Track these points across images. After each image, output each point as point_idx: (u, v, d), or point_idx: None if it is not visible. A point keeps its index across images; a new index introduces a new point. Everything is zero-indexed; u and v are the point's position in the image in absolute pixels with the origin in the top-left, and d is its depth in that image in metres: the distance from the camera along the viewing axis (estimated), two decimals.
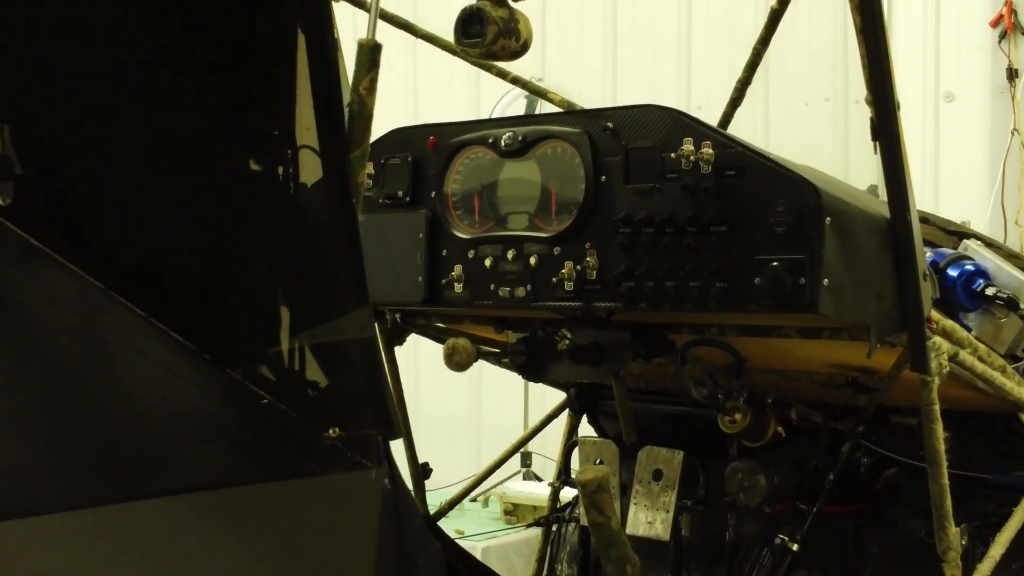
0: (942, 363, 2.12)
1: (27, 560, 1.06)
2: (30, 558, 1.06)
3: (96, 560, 1.09)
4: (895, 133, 2.04)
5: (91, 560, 1.09)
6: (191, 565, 1.15)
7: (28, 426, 1.10)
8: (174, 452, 1.16)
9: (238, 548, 1.18)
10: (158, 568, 1.13)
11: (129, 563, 1.12)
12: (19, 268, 1.10)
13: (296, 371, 1.21)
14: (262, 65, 1.22)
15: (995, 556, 2.32)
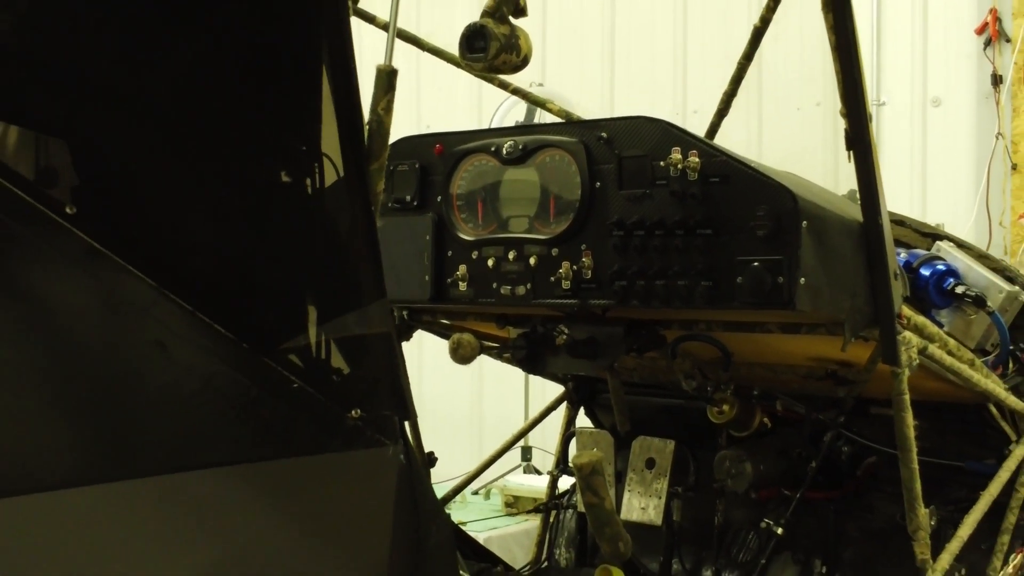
0: (912, 356, 2.23)
1: (86, 524, 1.21)
2: (94, 522, 1.21)
3: (151, 524, 1.24)
4: (867, 142, 2.16)
5: (147, 523, 1.24)
6: (232, 528, 1.30)
7: (89, 407, 1.25)
8: (216, 429, 1.31)
9: (272, 514, 1.33)
10: (203, 531, 1.28)
11: (178, 528, 1.27)
12: (84, 269, 1.25)
13: (322, 359, 1.36)
14: (293, 89, 1.37)
15: (963, 536, 2.44)
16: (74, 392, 1.23)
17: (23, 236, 1.21)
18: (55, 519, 1.18)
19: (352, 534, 1.38)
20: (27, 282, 1.23)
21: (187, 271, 1.30)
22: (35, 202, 1.21)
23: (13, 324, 1.22)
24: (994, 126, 5.23)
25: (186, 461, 1.28)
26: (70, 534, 1.20)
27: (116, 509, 1.23)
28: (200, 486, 1.28)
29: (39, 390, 1.22)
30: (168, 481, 1.26)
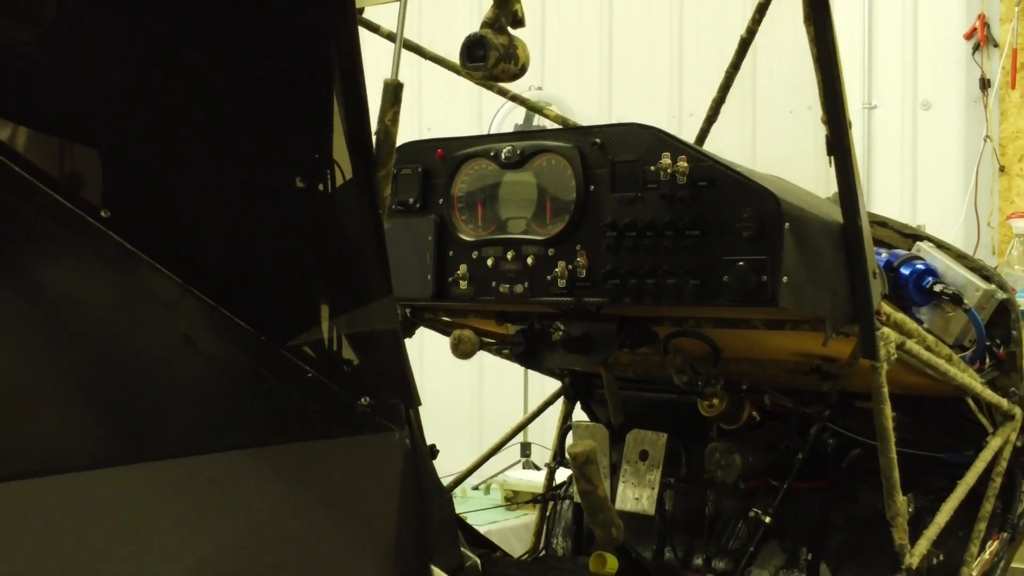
0: (890, 351, 2.31)
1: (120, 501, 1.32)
2: (129, 499, 1.32)
3: (180, 501, 1.35)
4: (847, 148, 2.25)
5: (176, 499, 1.35)
6: (251, 505, 1.41)
7: (121, 393, 1.36)
8: (238, 414, 1.42)
9: (288, 493, 1.44)
10: (226, 507, 1.39)
11: (203, 504, 1.38)
12: (116, 267, 1.36)
13: (334, 351, 1.46)
14: (307, 102, 1.48)
15: (940, 523, 2.53)
16: (107, 379, 1.35)
17: (63, 237, 1.32)
18: (94, 497, 1.29)
19: (362, 512, 1.49)
20: (65, 279, 1.35)
21: (210, 269, 1.41)
22: (73, 207, 1.32)
23: (51, 317, 1.33)
24: (982, 129, 5.27)
25: (210, 444, 1.39)
26: (105, 511, 1.31)
27: (147, 487, 1.34)
28: (223, 467, 1.39)
29: (75, 377, 1.34)
30: (194, 462, 1.37)
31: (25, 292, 1.32)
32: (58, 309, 1.34)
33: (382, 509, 1.48)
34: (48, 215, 1.30)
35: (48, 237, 1.31)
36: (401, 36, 1.64)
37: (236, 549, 1.40)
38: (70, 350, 1.33)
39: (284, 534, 1.43)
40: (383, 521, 1.50)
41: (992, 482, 2.74)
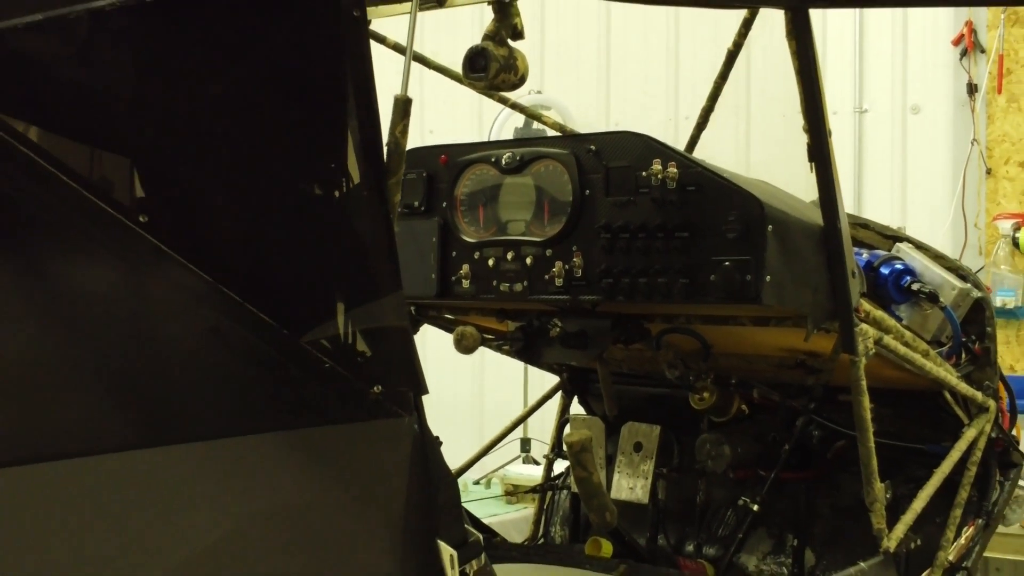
0: (868, 346, 2.44)
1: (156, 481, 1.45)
2: (164, 479, 1.45)
3: (209, 480, 1.49)
4: (827, 156, 2.38)
5: (205, 479, 1.49)
6: (273, 483, 1.54)
7: (157, 381, 1.50)
8: (261, 401, 1.56)
9: (306, 473, 1.57)
10: (250, 486, 1.53)
11: (229, 483, 1.51)
12: (153, 267, 1.49)
13: (349, 343, 1.60)
14: (325, 117, 1.62)
15: (916, 509, 2.65)
16: (145, 367, 1.48)
17: (106, 240, 1.46)
18: (136, 474, 1.43)
19: (374, 491, 1.62)
20: (108, 276, 1.48)
21: (237, 268, 1.54)
22: (115, 213, 1.45)
23: (94, 310, 1.47)
24: (970, 132, 5.39)
25: (237, 427, 1.52)
26: (147, 487, 1.44)
27: (180, 467, 1.48)
28: (249, 448, 1.53)
29: (117, 365, 1.47)
30: (222, 444, 1.50)
31: (72, 287, 1.46)
32: (101, 303, 1.48)
33: (393, 488, 1.61)
34: (94, 220, 1.44)
35: (94, 239, 1.45)
36: (410, 54, 1.77)
37: (261, 523, 1.53)
38: (111, 340, 1.47)
39: (303, 510, 1.56)
40: (393, 499, 1.62)
41: (968, 471, 2.86)
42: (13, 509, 1.31)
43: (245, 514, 1.50)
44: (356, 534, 1.60)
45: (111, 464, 1.41)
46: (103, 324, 1.46)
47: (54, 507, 1.35)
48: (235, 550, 1.48)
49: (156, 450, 1.45)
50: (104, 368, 1.45)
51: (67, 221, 1.44)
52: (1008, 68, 5.27)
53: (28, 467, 1.32)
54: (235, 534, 1.48)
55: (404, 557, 1.61)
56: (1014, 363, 5.28)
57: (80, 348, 1.45)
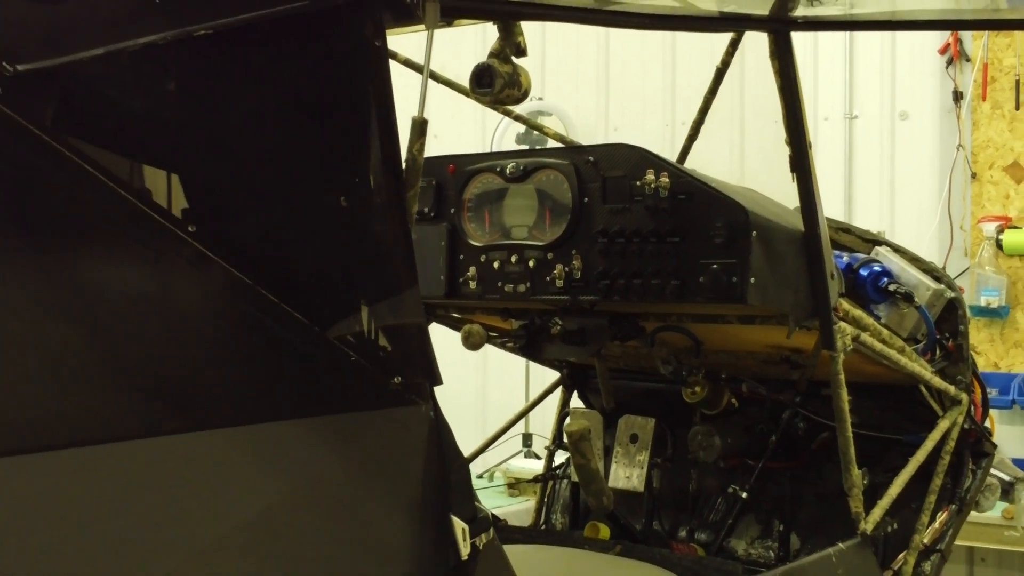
0: (846, 343, 2.60)
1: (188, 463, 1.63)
2: (205, 460, 1.63)
3: (248, 462, 1.67)
4: (807, 167, 2.54)
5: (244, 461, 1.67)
6: (303, 464, 1.72)
7: (201, 373, 1.69)
8: (293, 390, 1.74)
9: (333, 456, 1.75)
10: (283, 466, 1.71)
11: (264, 464, 1.70)
12: (199, 270, 1.67)
13: (372, 338, 1.78)
14: (350, 136, 1.80)
15: (892, 494, 2.82)
16: (193, 360, 1.67)
17: (159, 248, 1.65)
18: (178, 458, 1.61)
19: (394, 471, 1.80)
20: (160, 280, 1.67)
21: (273, 272, 1.72)
22: (167, 223, 1.64)
23: (148, 309, 1.66)
24: (955, 138, 5.48)
25: (270, 415, 1.71)
26: (189, 468, 1.63)
27: (226, 449, 1.66)
28: (284, 433, 1.71)
29: (164, 359, 1.66)
30: (259, 428, 1.69)
31: (130, 289, 1.65)
32: (154, 303, 1.67)
33: (410, 468, 1.79)
34: (149, 230, 1.63)
35: (150, 246, 1.64)
36: (426, 78, 1.95)
37: (296, 497, 1.72)
38: (163, 335, 1.66)
39: (332, 486, 1.75)
40: (411, 478, 1.81)
41: (942, 460, 3.03)
42: (88, 481, 1.50)
43: (282, 489, 1.69)
44: (379, 508, 1.79)
45: (166, 445, 1.60)
46: (156, 321, 1.65)
47: (119, 482, 1.54)
48: (274, 521, 1.67)
49: (204, 433, 1.64)
50: (159, 360, 1.64)
51: (127, 231, 1.63)
52: (992, 76, 5.40)
53: (101, 447, 1.51)
54: (274, 507, 1.67)
55: (421, 529, 1.79)
56: (998, 360, 5.43)
57: (137, 342, 1.64)
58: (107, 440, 1.52)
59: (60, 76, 1.61)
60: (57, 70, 1.61)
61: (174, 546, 1.57)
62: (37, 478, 1.46)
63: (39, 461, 1.47)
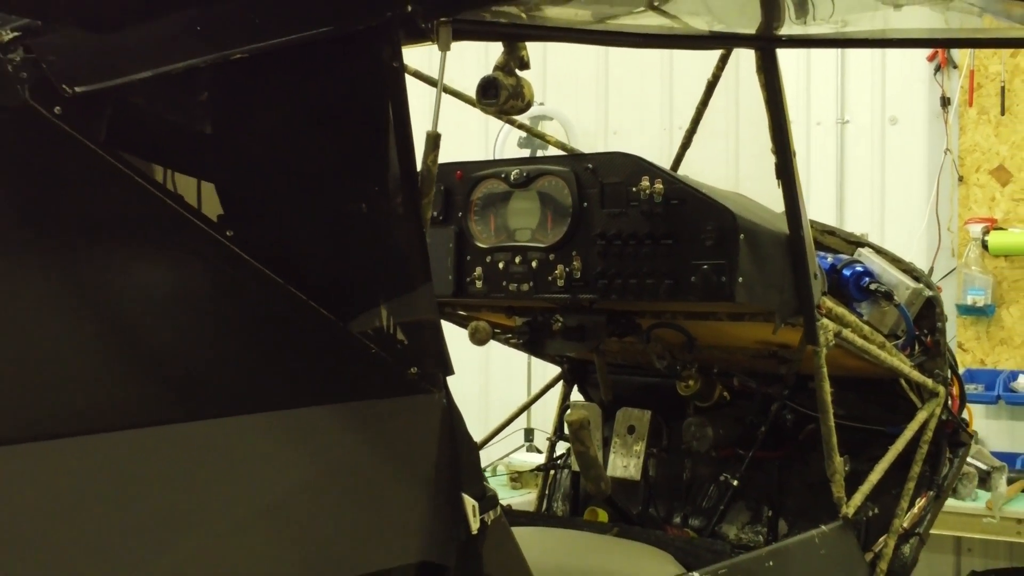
0: (828, 338, 2.77)
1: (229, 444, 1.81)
2: (239, 442, 1.81)
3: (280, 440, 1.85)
4: (791, 174, 2.70)
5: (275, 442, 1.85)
6: (328, 444, 1.89)
7: (239, 363, 1.87)
8: (321, 380, 1.92)
9: (356, 437, 1.92)
10: (311, 446, 1.88)
11: (294, 442, 1.87)
12: (237, 271, 1.85)
13: (391, 332, 1.95)
14: (371, 150, 1.98)
15: (873, 480, 2.99)
16: (228, 352, 1.86)
17: (201, 251, 1.83)
18: (224, 438, 1.79)
19: (411, 452, 1.98)
20: (202, 280, 1.86)
21: (302, 272, 1.90)
22: (208, 229, 1.83)
23: (190, 305, 1.84)
24: (943, 142, 5.61)
25: (300, 402, 1.89)
26: (225, 452, 1.81)
27: (262, 430, 1.83)
28: (310, 419, 1.89)
29: (204, 351, 1.84)
30: (289, 413, 1.86)
31: (172, 287, 1.84)
32: (194, 300, 1.85)
33: (425, 450, 1.96)
34: (192, 235, 1.81)
35: (192, 250, 1.83)
36: (440, 97, 2.13)
37: (321, 477, 1.89)
38: (204, 328, 1.84)
39: (355, 466, 1.92)
40: (426, 460, 1.97)
41: (920, 449, 3.20)
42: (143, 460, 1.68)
43: (311, 468, 1.87)
44: (396, 486, 1.97)
45: (209, 428, 1.78)
46: (196, 316, 1.84)
47: (171, 460, 1.72)
48: (305, 496, 1.85)
49: (243, 417, 1.82)
50: (200, 351, 1.83)
51: (170, 235, 1.81)
52: (979, 83, 5.53)
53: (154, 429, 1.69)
54: (304, 483, 1.85)
55: (435, 506, 1.97)
56: (984, 357, 5.60)
57: (180, 335, 1.82)
58: (160, 423, 1.70)
59: (112, 96, 1.80)
60: (110, 91, 1.79)
61: (215, 520, 1.75)
62: (99, 457, 1.64)
63: (99, 441, 1.65)
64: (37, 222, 1.72)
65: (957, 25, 2.91)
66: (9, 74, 1.69)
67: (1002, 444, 5.51)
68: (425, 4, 1.95)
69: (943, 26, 2.94)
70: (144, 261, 1.81)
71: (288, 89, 1.93)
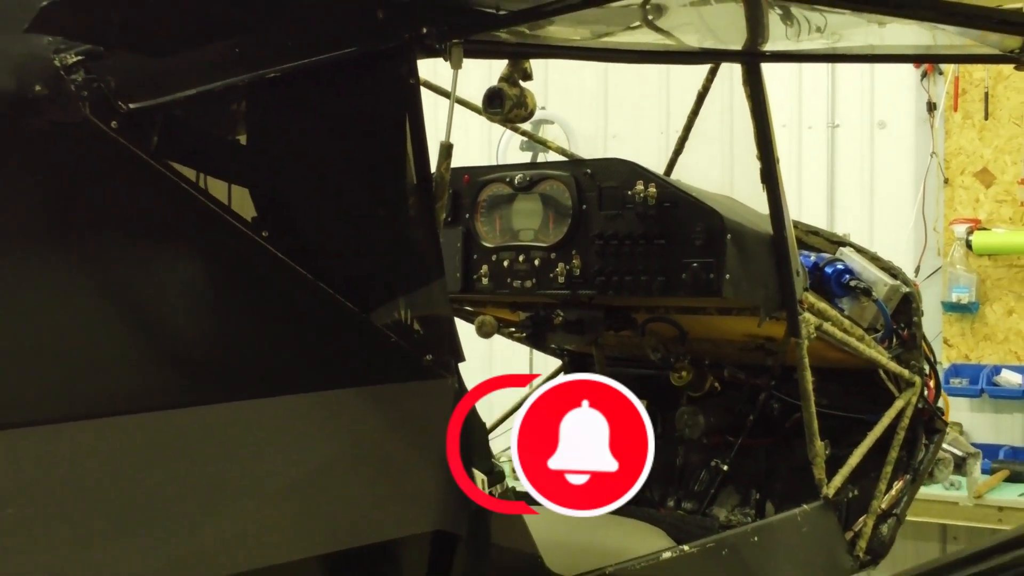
0: (810, 331, 2.97)
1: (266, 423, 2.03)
2: (256, 427, 2.01)
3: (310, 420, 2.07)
4: (775, 178, 2.91)
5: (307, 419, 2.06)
6: (354, 419, 2.10)
7: (275, 352, 2.08)
8: (347, 366, 2.13)
9: (379, 415, 2.13)
10: (338, 422, 2.09)
11: (324, 420, 2.08)
12: (273, 269, 2.06)
13: (408, 322, 2.17)
14: (389, 157, 2.20)
15: (852, 463, 3.19)
16: (265, 340, 2.07)
17: (239, 250, 2.04)
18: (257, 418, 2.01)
19: (426, 430, 2.19)
20: (241, 277, 2.07)
21: (329, 269, 2.11)
22: (245, 230, 2.04)
23: (231, 300, 2.06)
24: (929, 146, 5.83)
25: (328, 384, 2.10)
26: (263, 427, 2.02)
27: (296, 409, 2.04)
28: (336, 400, 2.10)
29: (245, 340, 2.06)
30: (319, 395, 2.08)
31: (215, 283, 2.05)
32: (233, 294, 2.06)
33: (439, 429, 2.18)
34: (232, 236, 2.02)
35: (232, 249, 2.04)
36: (452, 110, 2.34)
37: (346, 452, 2.11)
38: (242, 320, 2.06)
39: (375, 444, 2.14)
40: (440, 436, 2.19)
41: (897, 435, 3.39)
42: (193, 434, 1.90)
43: (338, 443, 2.09)
44: (412, 461, 2.18)
45: (249, 407, 1.99)
46: (239, 309, 2.05)
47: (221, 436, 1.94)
48: (333, 468, 2.07)
49: (278, 398, 2.04)
50: (240, 340, 2.04)
51: (213, 236, 2.03)
52: (963, 88, 5.74)
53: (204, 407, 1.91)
54: (332, 456, 2.07)
55: (448, 479, 2.18)
56: (969, 352, 5.81)
57: (222, 326, 2.04)
58: (213, 403, 1.92)
59: (161, 112, 2.01)
60: (159, 107, 2.00)
61: (257, 488, 1.97)
62: (166, 432, 1.86)
63: (168, 417, 1.87)
64: (98, 222, 1.94)
65: (942, 42, 3.10)
66: (72, 92, 1.90)
67: (986, 436, 5.72)
68: (439, 27, 2.17)
69: (928, 43, 3.14)
70: (188, 259, 2.02)
71: (316, 104, 2.15)
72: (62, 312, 1.85)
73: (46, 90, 1.88)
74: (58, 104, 1.90)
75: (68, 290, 1.89)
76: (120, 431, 1.80)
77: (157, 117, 1.99)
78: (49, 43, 1.89)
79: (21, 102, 1.88)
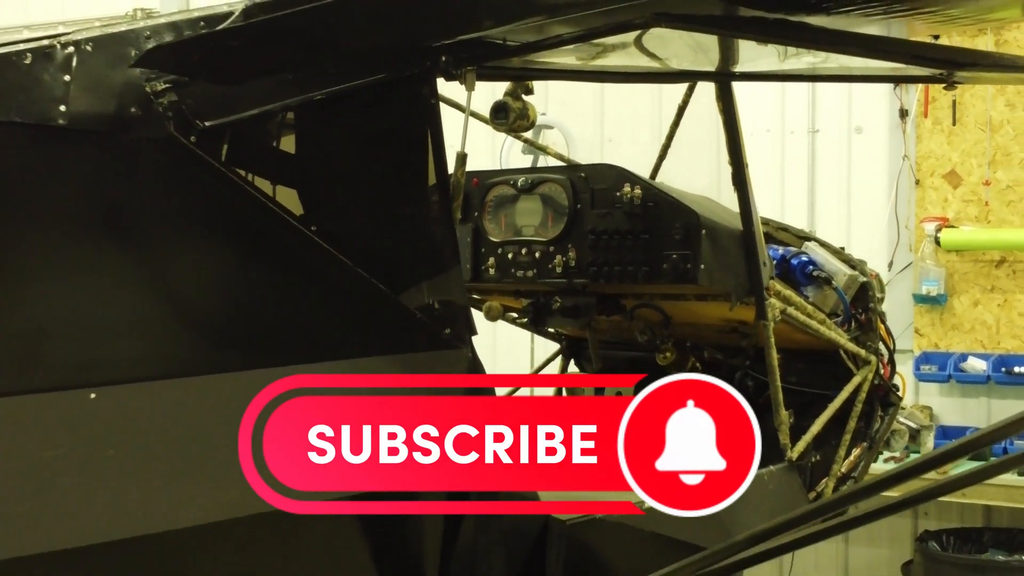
0: (775, 314, 3.41)
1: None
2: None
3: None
4: (744, 182, 3.33)
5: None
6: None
7: (315, 331, 2.51)
8: (378, 338, 2.56)
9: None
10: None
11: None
12: (320, 259, 2.49)
13: (430, 302, 2.60)
14: (414, 164, 2.64)
15: (814, 431, 3.60)
16: (315, 317, 2.51)
17: (293, 244, 2.47)
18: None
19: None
20: (294, 264, 2.51)
21: (368, 258, 2.52)
22: (299, 226, 2.48)
23: (284, 284, 2.50)
24: (902, 150, 6.21)
25: (364, 352, 2.54)
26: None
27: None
28: (372, 364, 2.54)
29: (299, 317, 2.49)
30: (356, 361, 2.51)
31: (273, 269, 2.48)
32: (288, 278, 2.50)
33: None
34: (287, 231, 2.46)
35: (286, 240, 2.47)
36: (467, 125, 2.77)
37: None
38: (292, 300, 2.49)
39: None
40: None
41: (855, 407, 3.82)
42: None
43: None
44: None
45: (308, 370, 2.43)
46: (292, 289, 2.50)
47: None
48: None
49: (324, 363, 2.47)
50: (296, 317, 2.48)
51: (273, 230, 2.46)
52: (933, 96, 6.13)
53: (275, 368, 2.35)
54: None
55: None
56: (938, 341, 6.23)
57: (280, 305, 2.48)
58: (276, 366, 2.35)
59: (231, 128, 2.45)
60: (228, 125, 2.45)
61: None
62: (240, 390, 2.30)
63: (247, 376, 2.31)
64: (179, 223, 2.38)
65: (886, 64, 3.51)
66: (160, 113, 2.34)
67: (954, 419, 6.13)
68: (456, 56, 2.61)
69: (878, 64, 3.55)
70: (255, 250, 2.45)
71: (353, 120, 2.59)
72: (158, 291, 2.29)
73: (139, 111, 2.31)
74: (148, 123, 2.32)
75: (161, 274, 2.33)
76: (228, 384, 2.25)
77: (226, 133, 2.42)
78: (142, 73, 2.32)
79: (119, 121, 2.31)
